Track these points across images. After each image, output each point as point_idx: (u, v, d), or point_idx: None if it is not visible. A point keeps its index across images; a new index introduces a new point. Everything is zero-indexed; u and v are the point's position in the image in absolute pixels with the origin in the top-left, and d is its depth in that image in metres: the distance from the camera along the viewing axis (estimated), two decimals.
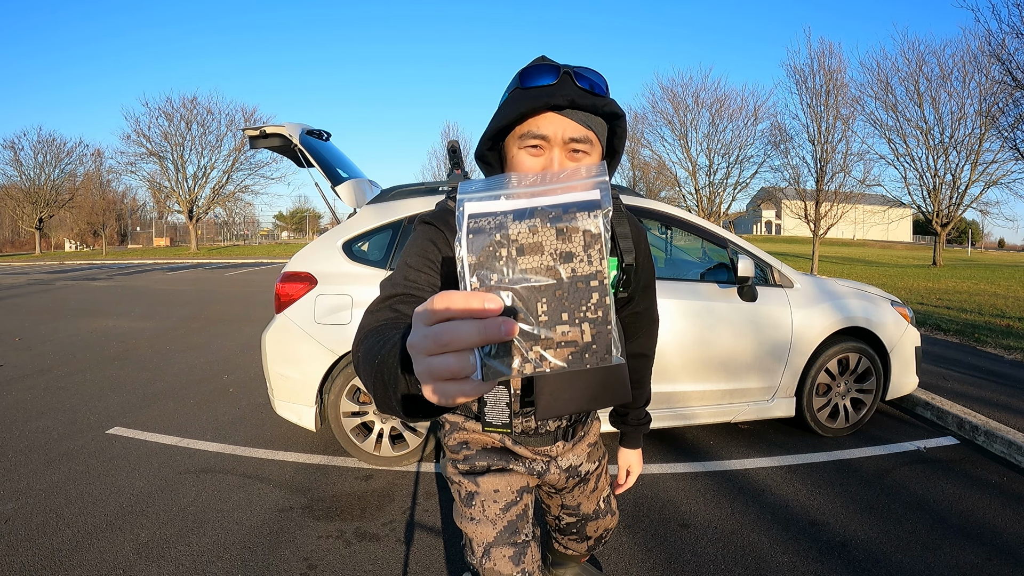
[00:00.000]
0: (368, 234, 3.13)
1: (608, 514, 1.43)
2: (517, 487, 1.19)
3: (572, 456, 1.28)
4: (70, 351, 5.91)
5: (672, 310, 3.05)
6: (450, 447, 1.23)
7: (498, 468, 1.19)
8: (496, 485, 1.17)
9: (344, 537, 2.36)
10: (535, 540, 1.20)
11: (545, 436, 1.19)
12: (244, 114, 30.20)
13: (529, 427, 1.17)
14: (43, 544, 2.28)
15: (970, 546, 2.30)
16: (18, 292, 12.04)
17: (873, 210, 24.56)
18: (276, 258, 24.44)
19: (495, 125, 0.90)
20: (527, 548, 1.16)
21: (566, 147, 0.88)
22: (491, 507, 1.16)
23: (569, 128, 0.87)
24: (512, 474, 1.20)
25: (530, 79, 0.88)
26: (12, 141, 41.24)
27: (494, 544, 1.14)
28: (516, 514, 1.17)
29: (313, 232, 54.59)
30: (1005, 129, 16.72)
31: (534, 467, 1.24)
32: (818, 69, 18.05)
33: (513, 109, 0.88)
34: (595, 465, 1.35)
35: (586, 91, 0.87)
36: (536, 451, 1.22)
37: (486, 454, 1.20)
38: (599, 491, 1.38)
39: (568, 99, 0.86)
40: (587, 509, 1.38)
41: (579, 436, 1.29)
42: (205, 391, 4.45)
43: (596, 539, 1.47)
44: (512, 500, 1.17)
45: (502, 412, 0.99)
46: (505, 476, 1.18)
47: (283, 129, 3.23)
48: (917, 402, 3.96)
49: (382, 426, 3.04)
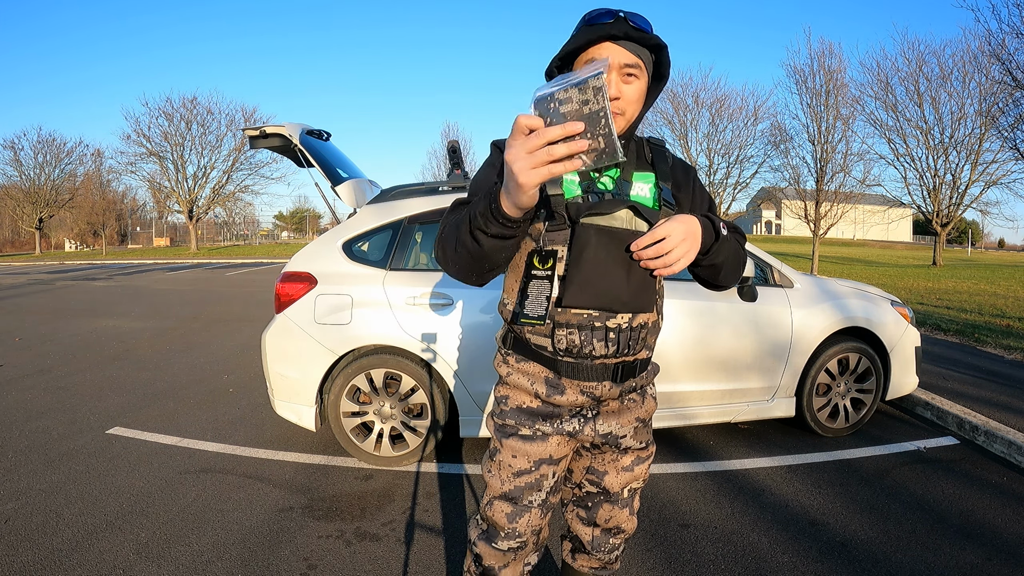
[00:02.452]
0: (368, 234, 3.13)
1: (627, 509, 1.38)
2: (536, 458, 1.25)
3: (614, 423, 1.27)
4: (70, 351, 5.91)
5: (672, 310, 3.05)
6: (496, 398, 1.32)
7: (525, 434, 1.25)
8: (515, 451, 1.25)
9: (344, 537, 2.36)
10: (540, 507, 1.28)
11: (594, 368, 1.19)
12: (244, 114, 30.23)
13: (574, 343, 1.16)
14: (43, 544, 2.28)
15: (970, 546, 2.30)
16: (18, 292, 12.04)
17: (873, 210, 24.56)
18: (276, 258, 24.44)
19: (566, 49, 1.11)
20: (526, 512, 1.27)
21: (621, 71, 1.09)
22: (505, 470, 1.26)
23: (622, 55, 1.09)
24: (534, 442, 1.24)
25: (594, 18, 1.09)
26: (12, 141, 41.37)
27: (498, 497, 1.28)
28: (526, 483, 1.26)
29: (313, 232, 54.59)
30: (1005, 129, 16.70)
31: (565, 427, 1.24)
32: (818, 69, 18.04)
33: (580, 38, 1.09)
34: (640, 445, 1.32)
35: (636, 27, 1.08)
36: (583, 388, 1.21)
37: (518, 414, 1.26)
38: (632, 477, 1.33)
39: (623, 31, 1.07)
40: (611, 484, 1.33)
41: (630, 390, 1.26)
42: (205, 391, 4.45)
43: (604, 533, 1.40)
44: (526, 469, 1.25)
45: (540, 305, 1.10)
46: (527, 444, 1.24)
47: (283, 129, 3.23)
48: (917, 402, 3.96)
49: (382, 426, 3.04)
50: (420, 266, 3.10)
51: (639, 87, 1.11)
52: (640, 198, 1.17)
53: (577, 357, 1.19)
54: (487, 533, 1.32)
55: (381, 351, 3.00)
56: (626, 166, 1.18)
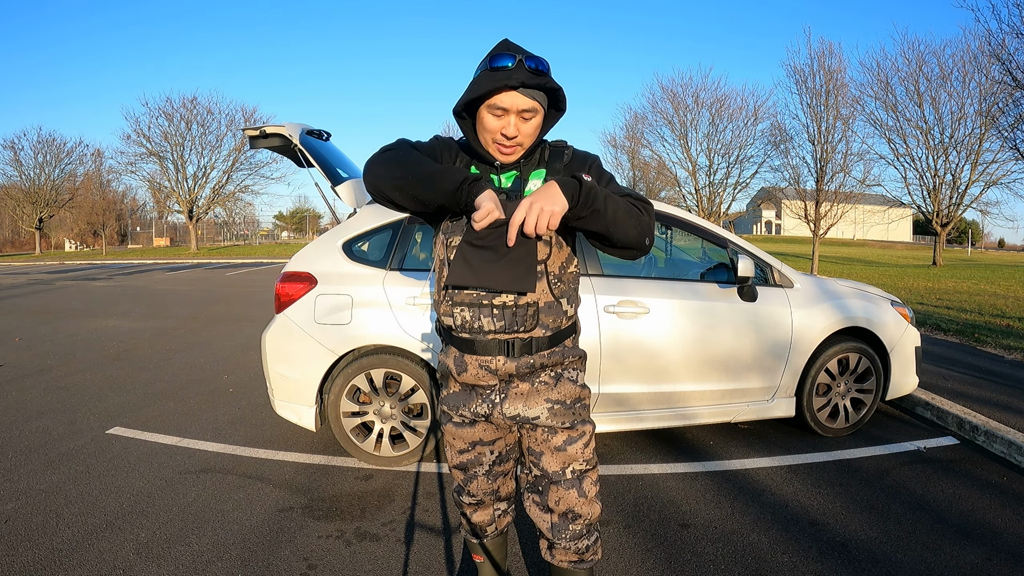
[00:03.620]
0: (368, 234, 3.13)
1: (574, 490, 1.43)
2: (469, 440, 1.49)
3: (521, 405, 1.40)
4: (70, 351, 5.91)
5: (672, 310, 3.05)
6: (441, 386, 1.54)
7: (457, 421, 1.47)
8: (453, 435, 1.50)
9: (344, 537, 2.36)
10: (486, 476, 1.53)
11: (488, 344, 1.36)
12: (244, 114, 30.26)
13: (465, 320, 1.35)
14: (43, 544, 2.28)
15: (970, 546, 2.30)
16: (18, 292, 12.05)
17: (873, 210, 24.58)
18: (276, 258, 24.44)
19: (470, 95, 1.26)
20: (474, 479, 1.54)
21: (519, 114, 1.27)
22: (451, 447, 1.53)
23: (521, 102, 1.26)
24: (464, 428, 1.47)
25: (495, 62, 1.24)
26: (12, 141, 41.38)
27: (452, 467, 1.57)
28: (468, 459, 1.52)
29: (313, 232, 54.58)
30: (1005, 129, 16.71)
31: (477, 409, 1.42)
32: (818, 69, 18.06)
33: (483, 86, 1.24)
34: (564, 424, 1.42)
35: (532, 72, 1.23)
36: (480, 362, 1.37)
37: (449, 400, 1.48)
38: (567, 457, 1.42)
39: (519, 81, 1.22)
40: (548, 464, 1.44)
41: (528, 366, 1.38)
42: (205, 391, 4.45)
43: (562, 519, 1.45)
44: (464, 449, 1.50)
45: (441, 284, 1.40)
46: (459, 429, 1.48)
47: (283, 129, 3.23)
48: (917, 402, 3.96)
49: (382, 426, 3.04)
50: (420, 266, 3.10)
51: (535, 122, 1.30)
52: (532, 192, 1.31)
53: (471, 333, 1.36)
54: (457, 489, 1.61)
55: (381, 351, 3.00)
56: (525, 168, 1.39)
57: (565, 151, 1.42)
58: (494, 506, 1.62)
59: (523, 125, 1.28)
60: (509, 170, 1.39)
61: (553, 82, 1.27)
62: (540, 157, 1.42)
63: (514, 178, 1.39)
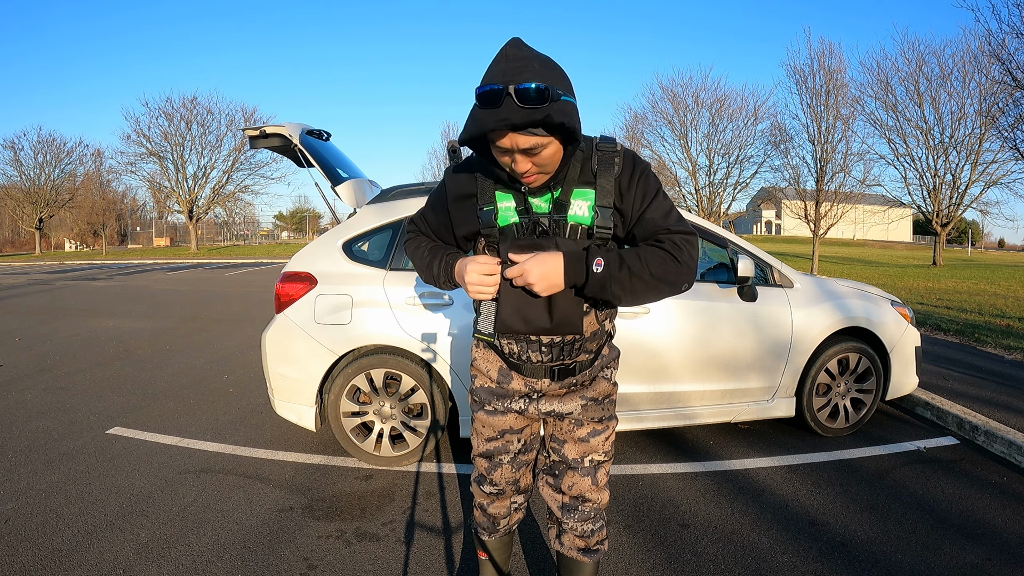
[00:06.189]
0: (368, 234, 3.13)
1: (588, 478, 1.50)
2: (499, 428, 1.51)
3: (556, 403, 1.45)
4: (70, 351, 5.91)
5: (672, 310, 3.05)
6: (470, 375, 1.57)
7: (489, 409, 1.50)
8: (483, 422, 1.52)
9: (344, 537, 2.36)
10: (511, 464, 1.54)
11: (534, 368, 1.40)
12: (244, 114, 30.26)
13: (513, 351, 1.40)
14: (43, 544, 2.28)
15: (970, 546, 2.30)
16: (18, 292, 12.05)
17: (873, 210, 24.57)
18: (276, 258, 24.44)
19: (467, 134, 1.12)
20: (499, 467, 1.55)
21: (524, 153, 1.12)
22: (478, 435, 1.55)
23: (520, 141, 1.10)
24: (495, 416, 1.49)
25: (482, 91, 1.06)
26: (12, 141, 41.35)
27: (478, 455, 1.57)
28: (495, 446, 1.53)
29: (313, 232, 54.59)
30: (1005, 129, 16.70)
31: (512, 406, 1.46)
32: (818, 69, 18.06)
33: (475, 125, 1.09)
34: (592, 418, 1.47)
35: (524, 107, 1.04)
36: (527, 382, 1.43)
37: (482, 392, 1.51)
38: (588, 448, 1.48)
39: (509, 124, 1.04)
40: (569, 453, 1.50)
41: (570, 384, 1.43)
42: (205, 391, 4.45)
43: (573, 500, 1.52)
44: (493, 436, 1.52)
45: (489, 323, 1.32)
46: (490, 417, 1.50)
47: (283, 129, 3.22)
48: (917, 402, 3.96)
49: (382, 426, 3.04)
50: None
51: (549, 150, 1.13)
52: (578, 218, 1.27)
53: (519, 360, 1.41)
54: (478, 479, 1.62)
55: (381, 351, 3.00)
56: (568, 183, 1.25)
57: (615, 157, 1.26)
58: (512, 498, 1.63)
59: (535, 159, 1.14)
60: (543, 192, 1.25)
61: (552, 114, 1.05)
62: (584, 168, 1.26)
63: (556, 198, 1.26)
